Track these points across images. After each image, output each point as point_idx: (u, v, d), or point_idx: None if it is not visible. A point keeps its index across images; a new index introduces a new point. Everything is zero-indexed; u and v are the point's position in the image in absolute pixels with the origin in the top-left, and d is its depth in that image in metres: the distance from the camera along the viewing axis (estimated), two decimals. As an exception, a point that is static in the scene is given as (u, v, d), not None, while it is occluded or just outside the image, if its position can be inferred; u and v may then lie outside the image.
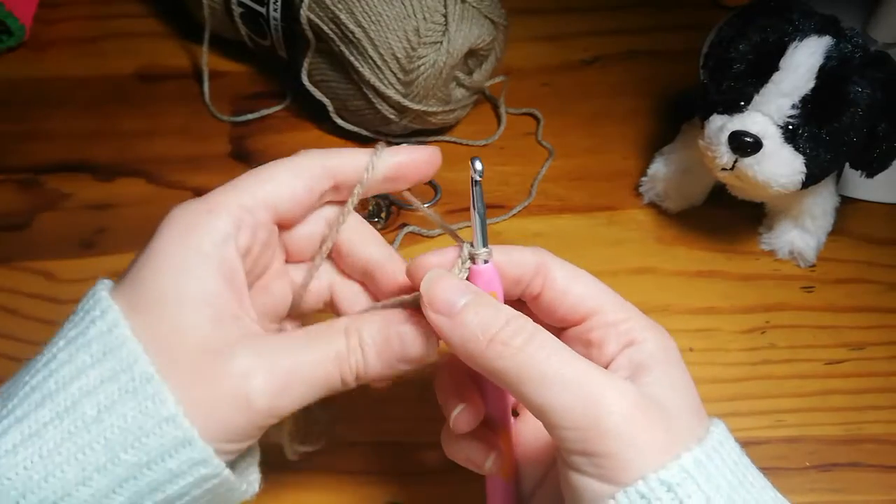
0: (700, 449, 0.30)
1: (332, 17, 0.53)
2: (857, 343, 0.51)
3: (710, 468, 0.30)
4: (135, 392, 0.29)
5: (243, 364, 0.31)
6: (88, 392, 0.29)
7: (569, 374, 0.31)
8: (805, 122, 0.46)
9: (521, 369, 0.31)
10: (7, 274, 0.54)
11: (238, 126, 0.61)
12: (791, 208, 0.53)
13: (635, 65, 0.64)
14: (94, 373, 0.30)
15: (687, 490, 0.29)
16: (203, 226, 0.32)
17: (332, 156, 0.36)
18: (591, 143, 0.60)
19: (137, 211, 0.57)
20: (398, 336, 0.34)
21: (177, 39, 0.66)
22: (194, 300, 0.31)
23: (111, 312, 0.31)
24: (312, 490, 0.46)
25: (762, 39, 0.48)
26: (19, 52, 0.65)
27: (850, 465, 0.47)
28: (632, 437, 0.30)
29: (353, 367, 0.33)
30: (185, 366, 0.30)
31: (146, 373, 0.29)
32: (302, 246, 0.38)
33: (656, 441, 0.30)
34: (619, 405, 0.30)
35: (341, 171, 0.36)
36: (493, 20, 0.56)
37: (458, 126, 0.61)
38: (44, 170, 0.59)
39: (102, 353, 0.30)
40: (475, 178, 0.34)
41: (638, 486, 0.29)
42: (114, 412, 0.29)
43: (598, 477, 0.30)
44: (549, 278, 0.36)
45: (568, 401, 0.30)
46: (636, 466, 0.29)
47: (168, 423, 0.29)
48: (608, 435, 0.30)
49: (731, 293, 0.53)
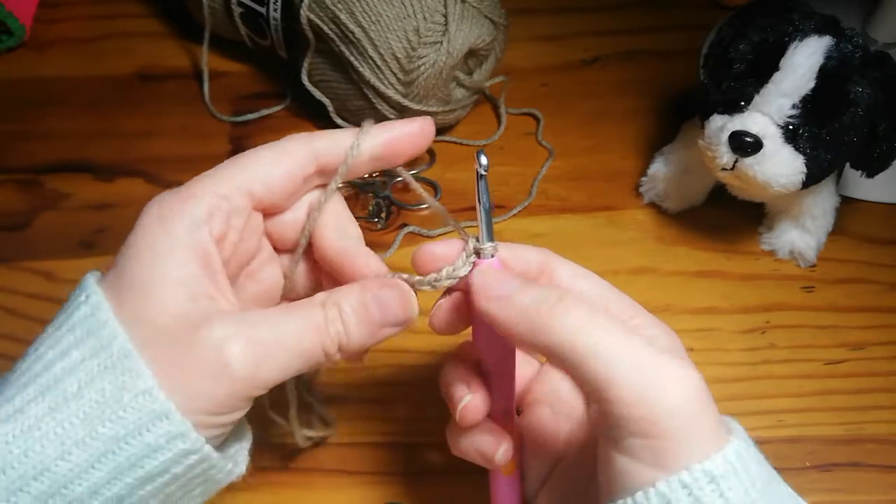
0: (741, 442, 0.30)
1: (332, 17, 0.53)
2: (857, 343, 0.51)
3: (748, 460, 0.30)
4: (113, 367, 0.30)
5: (220, 333, 0.31)
6: (70, 370, 0.30)
7: (635, 349, 0.30)
8: (805, 122, 0.46)
9: (586, 342, 0.30)
10: (7, 274, 0.54)
11: (238, 126, 0.61)
12: (791, 208, 0.53)
13: (635, 65, 0.64)
14: (77, 352, 0.30)
15: (729, 483, 0.29)
16: (178, 212, 0.33)
17: (317, 138, 0.36)
18: (591, 143, 0.60)
19: (137, 211, 0.56)
20: (376, 301, 0.34)
21: (177, 39, 0.66)
22: (170, 281, 0.31)
23: (94, 296, 0.31)
24: (312, 490, 0.46)
25: (762, 39, 0.48)
26: (19, 53, 0.65)
27: (850, 465, 0.47)
28: (693, 420, 0.29)
29: (335, 337, 0.33)
30: (162, 340, 0.31)
31: (124, 348, 0.30)
32: (289, 232, 0.38)
33: (711, 427, 0.30)
34: (683, 386, 0.30)
35: (325, 153, 0.36)
36: (493, 20, 0.56)
37: (458, 126, 0.61)
38: (44, 170, 0.59)
39: (86, 333, 0.31)
40: (480, 173, 0.34)
41: (681, 475, 0.29)
42: (93, 387, 0.30)
43: (647, 461, 0.29)
44: (553, 277, 0.36)
45: (635, 376, 0.29)
46: (691, 451, 0.29)
47: (144, 395, 0.30)
48: (673, 414, 0.29)
49: (731, 293, 0.53)
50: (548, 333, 0.31)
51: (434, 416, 0.48)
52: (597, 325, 0.31)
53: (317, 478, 0.46)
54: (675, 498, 0.29)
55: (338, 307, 0.33)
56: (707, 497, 0.28)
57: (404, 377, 0.50)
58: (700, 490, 0.28)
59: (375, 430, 0.48)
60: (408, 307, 0.34)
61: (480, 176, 0.34)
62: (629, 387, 0.29)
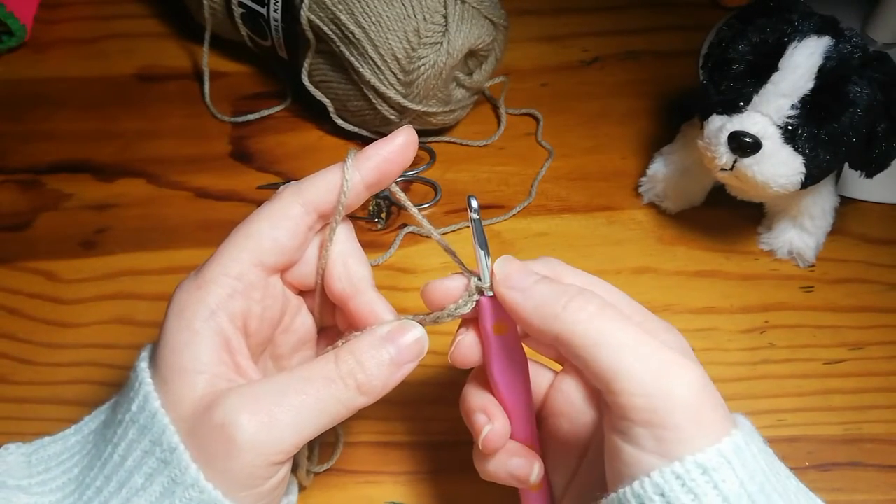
0: (741, 435, 0.31)
1: (332, 18, 0.53)
2: (857, 343, 0.51)
3: (747, 455, 0.30)
4: (166, 463, 0.33)
5: (223, 410, 0.33)
6: (137, 466, 0.33)
7: (643, 343, 0.32)
8: (804, 122, 0.46)
9: (597, 333, 0.32)
10: (8, 274, 0.54)
11: (238, 126, 0.61)
12: (790, 208, 0.53)
13: (635, 65, 0.64)
14: (139, 448, 0.34)
15: (722, 475, 0.30)
16: (193, 304, 0.35)
17: (306, 188, 0.36)
18: (591, 144, 0.60)
19: (138, 211, 0.57)
20: (392, 348, 0.35)
21: (177, 40, 0.66)
22: (189, 372, 0.34)
23: (145, 386, 0.34)
24: (312, 490, 0.46)
25: (761, 40, 0.48)
26: (20, 53, 0.65)
27: (850, 464, 0.47)
28: (696, 413, 0.30)
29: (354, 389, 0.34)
30: (192, 429, 0.33)
31: (171, 443, 0.33)
32: (309, 275, 0.38)
33: (715, 421, 0.31)
34: (690, 379, 0.31)
35: (319, 201, 0.36)
36: (493, 21, 0.56)
37: (458, 126, 0.61)
38: (45, 170, 0.59)
39: (142, 428, 0.34)
40: (473, 217, 0.35)
41: (674, 466, 0.30)
42: (154, 481, 0.33)
43: (650, 449, 0.30)
44: None
45: (642, 368, 0.31)
46: (693, 442, 0.30)
47: (193, 488, 0.32)
48: (677, 405, 0.30)
49: (730, 293, 0.53)
50: (561, 323, 0.33)
51: (434, 416, 0.49)
52: (608, 318, 0.32)
53: (317, 477, 0.46)
54: (669, 488, 0.29)
55: (353, 356, 0.35)
56: (700, 488, 0.29)
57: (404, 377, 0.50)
58: (693, 481, 0.29)
59: (375, 430, 0.48)
60: (420, 348, 0.36)
61: (473, 219, 0.35)
62: (636, 377, 0.31)
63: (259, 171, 0.59)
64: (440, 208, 0.57)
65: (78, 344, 0.52)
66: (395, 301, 0.52)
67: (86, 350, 0.51)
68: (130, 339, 0.51)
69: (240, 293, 0.35)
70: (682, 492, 0.29)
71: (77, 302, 0.53)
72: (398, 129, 0.37)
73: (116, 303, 0.53)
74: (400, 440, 0.48)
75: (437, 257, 0.55)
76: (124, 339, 0.51)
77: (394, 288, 0.53)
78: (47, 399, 0.49)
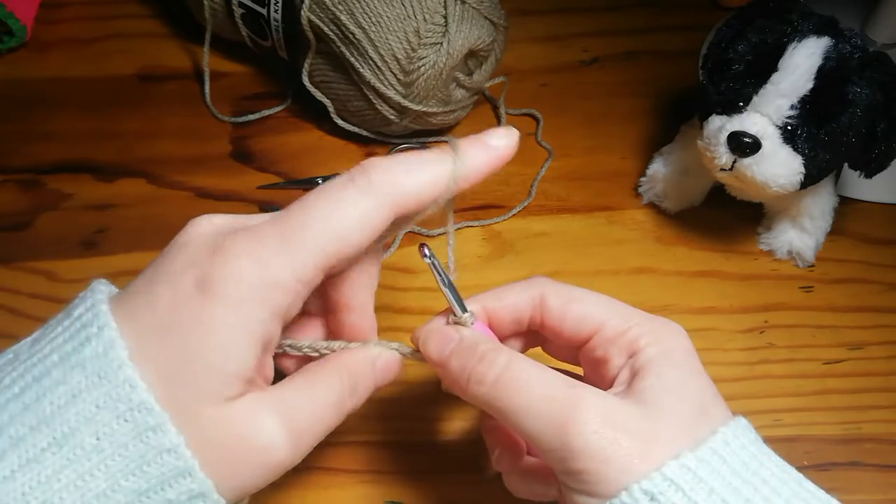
0: (692, 454, 0.30)
1: (332, 19, 0.54)
2: (856, 343, 0.52)
3: (701, 473, 0.30)
4: (134, 421, 0.29)
5: (261, 422, 0.31)
6: (87, 419, 0.29)
7: (539, 401, 0.32)
8: (804, 122, 0.47)
9: (497, 403, 0.33)
10: (8, 274, 0.54)
11: (239, 127, 0.61)
12: (790, 208, 0.53)
13: (634, 65, 0.64)
14: (90, 398, 0.29)
15: (670, 498, 0.30)
16: (258, 302, 0.30)
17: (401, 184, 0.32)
18: (591, 144, 0.60)
19: (138, 211, 0.57)
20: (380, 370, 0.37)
21: (178, 40, 0.66)
22: (224, 374, 0.30)
23: (107, 331, 0.30)
24: (312, 490, 0.46)
25: (761, 40, 0.48)
26: (20, 53, 0.65)
27: (849, 464, 0.47)
28: (602, 453, 0.31)
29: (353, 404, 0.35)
30: (205, 433, 0.30)
31: (144, 402, 0.29)
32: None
33: (632, 451, 0.31)
34: (587, 423, 0.31)
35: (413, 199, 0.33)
36: (492, 21, 0.56)
37: (458, 127, 0.61)
38: (45, 170, 0.59)
39: (97, 376, 0.29)
40: (427, 262, 0.36)
41: (621, 496, 0.30)
42: (114, 441, 0.29)
43: (585, 492, 0.31)
44: (545, 308, 0.37)
45: (541, 426, 0.32)
46: (612, 479, 0.30)
47: (169, 453, 0.29)
48: (579, 454, 0.31)
49: (729, 293, 0.54)
50: (471, 397, 0.34)
51: (434, 416, 0.49)
52: (506, 383, 0.33)
53: (317, 477, 0.47)
54: None
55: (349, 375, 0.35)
56: None
57: (404, 376, 0.50)
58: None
59: (375, 430, 0.48)
60: (397, 371, 0.38)
61: (431, 264, 0.36)
62: (542, 435, 0.32)
63: (259, 172, 0.59)
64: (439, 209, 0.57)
65: (78, 344, 0.52)
66: (395, 301, 0.52)
67: (86, 350, 0.51)
68: (131, 338, 0.51)
69: (302, 297, 0.32)
70: None
71: (77, 302, 0.53)
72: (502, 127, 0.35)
73: (117, 303, 0.53)
74: (400, 440, 0.48)
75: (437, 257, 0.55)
76: (124, 339, 0.51)
77: (393, 288, 0.53)
78: (48, 399, 0.50)
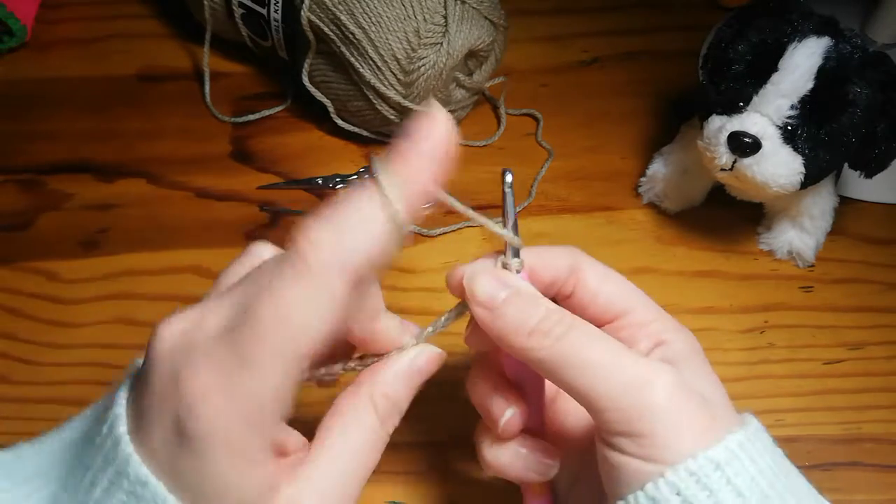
0: (743, 433, 0.31)
1: (332, 19, 0.54)
2: (856, 343, 0.52)
3: (753, 451, 0.31)
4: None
5: None
6: None
7: (611, 358, 0.31)
8: (804, 122, 0.47)
9: (563, 357, 0.32)
10: (9, 274, 0.54)
11: (239, 127, 0.61)
12: (790, 208, 0.53)
13: (634, 65, 0.64)
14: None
15: (735, 469, 0.30)
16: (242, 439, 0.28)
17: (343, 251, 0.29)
18: (591, 144, 0.60)
19: (139, 211, 0.57)
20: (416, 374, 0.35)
21: (178, 40, 0.66)
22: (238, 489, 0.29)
23: None
24: (313, 489, 0.46)
25: (761, 40, 0.48)
26: (21, 53, 0.65)
27: (849, 464, 0.47)
28: (676, 417, 0.30)
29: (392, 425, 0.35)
30: None
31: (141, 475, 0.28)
32: None
33: (700, 423, 0.31)
34: (662, 386, 0.31)
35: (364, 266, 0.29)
36: (492, 21, 0.56)
37: (458, 127, 0.61)
38: (46, 170, 0.59)
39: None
40: (506, 190, 0.34)
41: (687, 463, 0.29)
42: None
43: (641, 456, 0.30)
44: (581, 279, 0.36)
45: (611, 384, 0.31)
46: (679, 446, 0.30)
47: None
48: (652, 415, 0.30)
49: (729, 293, 0.54)
50: (528, 351, 0.32)
51: (434, 416, 0.49)
52: (574, 339, 0.32)
53: (317, 477, 0.46)
54: (685, 486, 0.29)
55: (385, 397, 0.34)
56: (715, 483, 0.29)
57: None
58: (707, 477, 0.29)
59: (376, 430, 0.48)
60: (440, 360, 0.35)
61: (506, 192, 0.34)
62: (611, 392, 0.31)
63: (259, 172, 0.59)
64: (440, 208, 0.57)
65: (78, 344, 0.52)
66: (395, 301, 0.52)
67: (86, 350, 0.51)
68: (130, 339, 0.51)
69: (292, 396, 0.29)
70: (696, 489, 0.29)
71: (77, 302, 0.54)
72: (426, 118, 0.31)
73: (117, 303, 0.53)
74: (400, 440, 0.48)
75: (437, 257, 0.55)
76: (124, 339, 0.51)
77: (393, 288, 0.53)
78: (48, 399, 0.50)
